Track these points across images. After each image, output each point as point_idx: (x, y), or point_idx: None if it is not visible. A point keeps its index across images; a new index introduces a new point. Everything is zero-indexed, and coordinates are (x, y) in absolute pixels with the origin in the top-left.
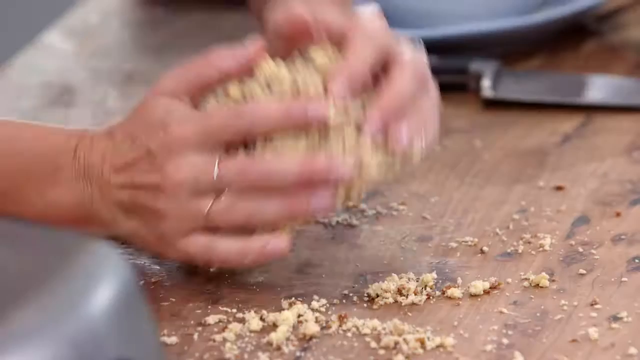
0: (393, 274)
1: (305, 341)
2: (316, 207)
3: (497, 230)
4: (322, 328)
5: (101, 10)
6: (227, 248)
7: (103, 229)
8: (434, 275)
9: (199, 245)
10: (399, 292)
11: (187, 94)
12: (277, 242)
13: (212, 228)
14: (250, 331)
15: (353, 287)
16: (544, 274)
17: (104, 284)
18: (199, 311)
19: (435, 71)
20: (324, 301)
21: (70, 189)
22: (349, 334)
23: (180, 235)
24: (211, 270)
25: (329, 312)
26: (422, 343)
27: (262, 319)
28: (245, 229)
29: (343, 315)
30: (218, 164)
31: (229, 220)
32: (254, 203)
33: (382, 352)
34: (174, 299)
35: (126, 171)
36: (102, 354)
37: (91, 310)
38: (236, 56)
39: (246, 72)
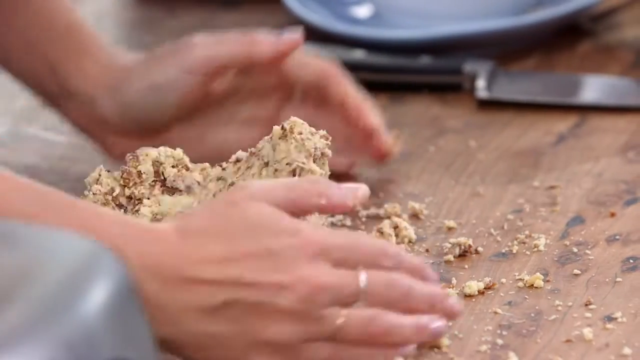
0: None
1: None
2: (437, 330)
3: (492, 230)
4: None
5: (96, 11)
6: (355, 354)
7: (159, 327)
8: None
9: (324, 353)
10: None
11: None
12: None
13: (330, 339)
14: None
15: None
16: (538, 274)
17: (99, 283)
18: None
19: (430, 71)
20: None
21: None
22: None
23: (296, 341)
24: None
25: None
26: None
27: None
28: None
29: None
30: (364, 274)
31: (363, 334)
32: (394, 319)
33: None
34: None
35: (227, 267)
36: (97, 354)
37: (86, 310)
38: (351, 196)
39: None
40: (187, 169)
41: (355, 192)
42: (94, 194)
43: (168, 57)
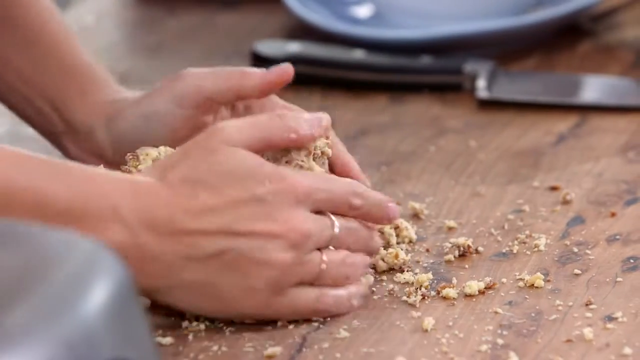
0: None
1: (299, 341)
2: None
3: (492, 230)
4: (317, 328)
5: (96, 11)
6: (336, 295)
7: (154, 278)
8: (429, 275)
9: (310, 296)
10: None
11: (259, 153)
12: (367, 283)
13: (313, 282)
14: None
15: None
16: (538, 274)
17: (99, 283)
18: None
19: (430, 71)
20: None
21: (124, 232)
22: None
23: (287, 286)
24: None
25: None
26: None
27: None
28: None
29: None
30: (336, 220)
31: (338, 274)
32: (356, 258)
33: None
34: None
35: (217, 216)
36: (97, 354)
37: (86, 310)
38: (315, 123)
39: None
40: None
41: (319, 120)
42: None
43: (160, 89)
